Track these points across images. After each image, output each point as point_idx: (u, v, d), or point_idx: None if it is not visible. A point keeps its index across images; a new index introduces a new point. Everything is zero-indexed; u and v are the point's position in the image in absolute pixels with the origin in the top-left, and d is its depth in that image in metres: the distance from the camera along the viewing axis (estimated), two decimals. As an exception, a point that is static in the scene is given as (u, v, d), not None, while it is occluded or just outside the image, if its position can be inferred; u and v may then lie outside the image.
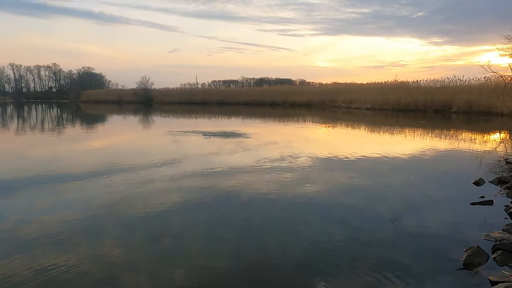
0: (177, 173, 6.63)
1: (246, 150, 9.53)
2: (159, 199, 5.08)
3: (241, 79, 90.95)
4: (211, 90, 64.51)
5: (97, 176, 6.41)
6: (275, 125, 18.38)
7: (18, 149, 10.55)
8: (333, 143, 11.89)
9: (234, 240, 3.71)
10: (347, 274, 3.01)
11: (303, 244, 3.63)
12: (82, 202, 4.95)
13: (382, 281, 2.90)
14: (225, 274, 3.02)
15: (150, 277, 2.94)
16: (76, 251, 3.41)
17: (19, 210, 4.61)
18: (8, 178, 6.30)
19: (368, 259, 3.30)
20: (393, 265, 3.18)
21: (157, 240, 3.69)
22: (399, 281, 2.91)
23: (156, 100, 55.44)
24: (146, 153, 9.17)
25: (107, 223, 4.18)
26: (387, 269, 3.11)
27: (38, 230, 3.92)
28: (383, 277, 2.97)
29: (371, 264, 3.20)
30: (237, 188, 5.65)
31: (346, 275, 3.00)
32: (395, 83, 37.92)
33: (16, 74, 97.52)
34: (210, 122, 21.45)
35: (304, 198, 5.21)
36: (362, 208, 4.79)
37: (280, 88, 53.43)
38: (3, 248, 3.48)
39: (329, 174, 6.79)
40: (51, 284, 2.83)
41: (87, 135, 14.42)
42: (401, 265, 3.19)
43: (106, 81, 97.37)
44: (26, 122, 22.11)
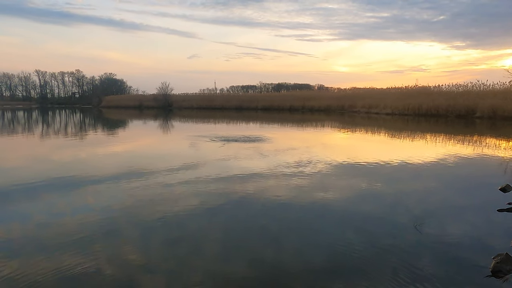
0: (195, 177, 6.67)
1: (264, 155, 9.51)
2: (177, 203, 5.11)
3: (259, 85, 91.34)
4: (229, 96, 64.88)
5: (117, 180, 6.51)
6: (293, 130, 18.32)
7: (43, 153, 10.84)
8: (352, 149, 11.74)
9: (251, 246, 3.69)
10: (367, 282, 2.94)
11: (322, 250, 3.58)
12: (102, 205, 5.02)
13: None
14: (242, 279, 3.00)
15: (167, 280, 2.95)
16: (95, 252, 3.46)
17: (42, 212, 4.72)
18: (33, 181, 6.46)
19: (389, 266, 3.22)
20: (415, 273, 3.09)
21: (174, 244, 3.70)
22: None
23: (175, 105, 56.20)
24: (164, 157, 9.27)
25: (126, 226, 4.23)
26: (409, 277, 3.02)
27: (60, 232, 4.00)
28: (405, 285, 2.88)
29: (392, 272, 3.12)
30: (254, 193, 5.64)
31: (366, 283, 2.93)
32: (416, 88, 37.33)
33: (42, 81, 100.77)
34: (228, 127, 21.55)
35: (322, 204, 5.15)
36: (382, 215, 4.69)
37: (299, 93, 53.38)
38: (26, 249, 3.55)
39: (347, 180, 6.70)
40: (71, 284, 2.87)
41: (108, 140, 14.69)
42: (424, 273, 3.10)
43: (127, 87, 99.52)
44: (50, 127, 22.72)
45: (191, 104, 55.36)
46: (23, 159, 9.30)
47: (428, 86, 36.25)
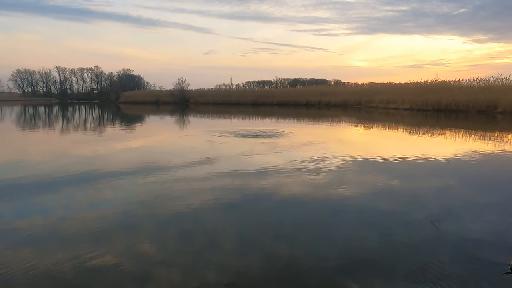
0: (211, 173, 6.71)
1: (279, 151, 9.50)
2: (192, 198, 5.16)
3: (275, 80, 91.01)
4: (245, 91, 64.86)
5: (134, 174, 6.61)
6: (309, 126, 18.23)
7: (63, 148, 11.08)
8: (368, 145, 11.61)
9: (266, 241, 3.69)
10: (383, 279, 2.92)
11: (337, 246, 3.56)
12: (119, 200, 5.11)
13: (421, 286, 2.78)
14: (256, 274, 3.01)
15: (182, 274, 2.98)
16: (112, 246, 3.53)
17: (62, 206, 4.83)
18: (54, 175, 6.62)
19: (405, 263, 3.18)
20: (432, 270, 3.05)
21: (189, 239, 3.74)
22: (439, 287, 2.78)
23: (192, 100, 56.52)
24: (180, 152, 9.35)
25: (142, 220, 4.30)
26: (426, 273, 2.98)
27: (78, 225, 4.09)
28: (421, 282, 2.85)
29: (408, 268, 3.08)
30: (269, 189, 5.64)
31: (381, 280, 2.90)
32: (435, 83, 36.54)
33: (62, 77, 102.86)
34: (244, 123, 21.58)
35: (338, 200, 5.11)
36: (398, 212, 4.63)
37: (315, 89, 52.95)
38: (46, 241, 3.65)
39: (363, 176, 6.62)
40: (89, 275, 2.93)
41: (126, 135, 14.91)
42: (441, 270, 3.05)
43: (144, 83, 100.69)
44: (70, 122, 23.21)
45: (207, 99, 55.58)
46: (44, 154, 9.53)
47: (448, 81, 35.44)
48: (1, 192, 5.54)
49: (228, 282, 2.89)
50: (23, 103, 62.53)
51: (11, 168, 7.46)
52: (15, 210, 4.72)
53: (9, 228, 4.05)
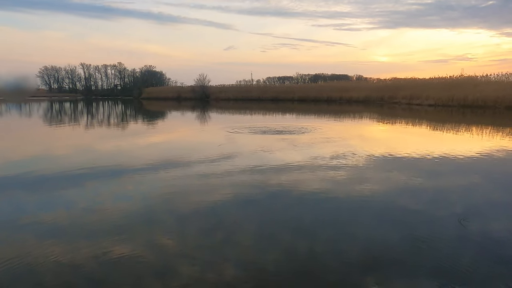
0: (231, 168, 6.74)
1: (299, 147, 9.44)
2: (212, 193, 5.19)
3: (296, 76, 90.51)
4: (265, 87, 64.78)
5: (155, 169, 6.71)
6: (330, 122, 18.04)
7: (87, 143, 11.37)
8: (390, 141, 11.40)
9: (285, 238, 3.68)
10: (405, 277, 2.86)
11: (357, 243, 3.51)
12: (140, 194, 5.20)
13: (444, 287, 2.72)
14: (275, 271, 3.00)
15: (201, 268, 3.01)
16: (134, 239, 3.59)
17: (86, 199, 4.96)
18: (78, 169, 6.80)
19: (428, 261, 3.11)
20: (454, 271, 2.96)
21: (209, 233, 3.77)
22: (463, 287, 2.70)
23: (212, 96, 56.89)
24: (201, 148, 9.43)
25: (163, 214, 4.36)
26: (448, 274, 2.90)
27: (102, 218, 4.19)
28: (445, 281, 2.78)
29: (432, 267, 3.01)
30: (289, 185, 5.62)
31: (403, 278, 2.85)
32: (461, 78, 35.48)
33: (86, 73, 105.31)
34: (264, 119, 21.56)
35: (358, 197, 5.04)
36: (421, 210, 4.52)
37: (336, 84, 52.34)
38: (71, 233, 3.75)
39: (385, 173, 6.51)
40: (111, 267, 3.00)
41: (148, 130, 15.16)
42: (464, 271, 2.97)
43: (166, 79, 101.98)
44: (94, 118, 23.78)
45: (227, 95, 55.83)
46: (70, 148, 9.80)
47: (475, 76, 34.35)
48: (28, 185, 5.73)
49: (246, 277, 2.89)
50: (50, 99, 64.42)
51: (39, 162, 7.71)
52: (40, 203, 4.88)
53: (34, 219, 4.18)
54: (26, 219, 4.20)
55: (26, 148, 10.06)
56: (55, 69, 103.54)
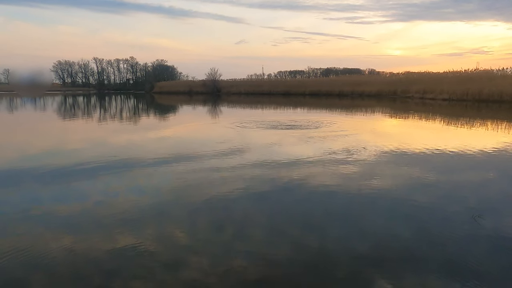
0: (241, 162, 6.75)
1: (310, 141, 9.41)
2: (223, 187, 5.21)
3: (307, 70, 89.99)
4: (277, 81, 64.58)
5: (167, 163, 6.76)
6: (341, 116, 17.91)
7: (100, 136, 11.52)
8: (403, 136, 11.27)
9: (295, 232, 3.68)
10: (415, 273, 2.84)
11: (367, 238, 3.49)
12: (152, 187, 5.26)
13: (453, 284, 2.68)
14: (284, 265, 3.01)
15: (211, 261, 3.03)
16: (145, 231, 3.64)
17: (99, 192, 5.03)
18: (91, 162, 6.89)
19: (439, 258, 3.08)
20: (467, 268, 2.93)
21: (219, 227, 3.79)
22: (473, 285, 2.67)
23: (223, 90, 56.98)
24: (212, 142, 9.46)
25: (174, 208, 4.40)
26: (461, 270, 2.87)
27: (114, 211, 4.25)
28: (456, 278, 2.75)
29: (443, 263, 2.98)
30: (299, 180, 5.61)
31: (413, 274, 2.82)
32: (477, 72, 34.86)
33: (99, 67, 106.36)
34: (275, 113, 21.51)
35: (369, 192, 5.00)
36: (433, 206, 4.47)
37: (348, 78, 51.90)
38: (83, 225, 3.82)
39: (397, 168, 6.45)
40: (123, 259, 3.05)
41: (160, 124, 15.28)
42: (477, 267, 2.93)
43: (177, 73, 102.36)
44: (107, 112, 24.04)
45: (239, 89, 55.85)
46: (83, 142, 9.94)
47: (491, 69, 33.72)
48: (42, 178, 5.83)
49: (256, 270, 2.91)
50: (63, 93, 65.28)
51: (53, 155, 7.84)
52: (55, 195, 4.97)
53: (49, 211, 4.26)
54: (40, 211, 4.28)
55: (41, 142, 10.24)
56: (68, 63, 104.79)
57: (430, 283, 2.72)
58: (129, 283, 2.70)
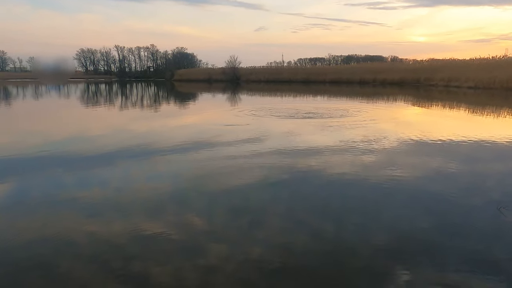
0: (259, 150, 6.75)
1: (329, 130, 9.31)
2: (241, 175, 5.23)
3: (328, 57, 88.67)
4: (296, 68, 63.89)
5: (186, 150, 6.83)
6: (362, 105, 17.61)
7: (121, 123, 11.73)
8: (425, 125, 11.00)
9: (312, 221, 3.67)
10: (434, 265, 2.79)
11: (385, 229, 3.45)
12: (171, 174, 5.33)
13: (475, 278, 2.63)
14: (301, 253, 3.01)
15: (229, 249, 3.07)
16: (164, 218, 3.71)
17: (119, 178, 5.14)
18: (111, 149, 7.05)
19: (459, 252, 3.01)
20: (490, 262, 2.86)
21: (237, 214, 3.82)
22: (494, 277, 2.61)
23: (243, 78, 56.81)
24: (231, 130, 9.48)
25: (193, 195, 4.45)
26: (481, 263, 2.81)
27: (134, 197, 4.34)
28: (476, 271, 2.69)
29: (463, 258, 2.91)
30: (317, 168, 5.57)
31: (431, 266, 2.78)
32: (505, 59, 33.60)
33: (120, 55, 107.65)
34: (294, 101, 21.35)
35: (388, 182, 4.92)
36: (454, 196, 4.37)
37: (369, 66, 50.83)
38: (105, 210, 3.92)
39: (418, 158, 6.31)
40: (142, 244, 3.12)
41: (179, 112, 15.41)
42: (501, 262, 2.86)
43: (197, 61, 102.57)
44: (128, 99, 24.40)
45: (258, 77, 55.54)
46: (105, 129, 10.14)
47: (520, 56, 32.36)
48: (66, 164, 5.99)
49: (273, 258, 2.92)
50: (86, 81, 66.53)
51: (76, 142, 8.03)
52: (77, 181, 5.10)
53: (72, 196, 4.39)
54: (64, 195, 4.41)
55: (65, 128, 10.50)
56: (91, 51, 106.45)
57: (450, 276, 2.67)
58: (148, 268, 2.77)
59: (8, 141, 8.35)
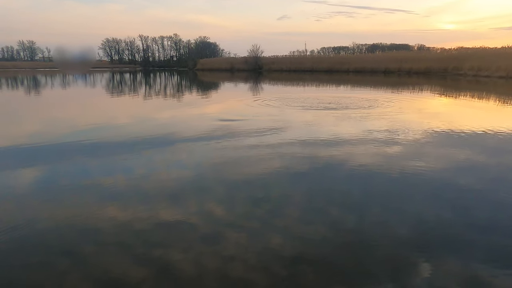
0: (280, 140, 6.73)
1: (352, 120, 9.17)
2: (262, 164, 5.24)
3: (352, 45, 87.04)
4: (319, 58, 62.96)
5: (207, 139, 6.88)
6: (386, 95, 17.23)
7: (145, 112, 11.92)
8: (452, 116, 10.68)
9: (333, 212, 3.65)
10: (457, 259, 2.73)
11: (408, 222, 3.39)
12: (193, 163, 5.39)
13: (501, 274, 2.56)
14: (321, 244, 3.01)
15: (248, 237, 3.09)
16: (186, 205, 3.76)
17: (142, 166, 5.24)
18: (134, 137, 7.18)
19: (484, 247, 2.93)
20: (515, 257, 2.77)
21: (257, 204, 3.84)
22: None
23: (265, 67, 56.56)
24: (253, 119, 9.48)
25: (214, 183, 4.49)
26: (508, 260, 2.73)
27: (156, 184, 4.42)
28: (503, 269, 2.61)
29: (488, 253, 2.83)
30: (339, 159, 5.51)
31: (455, 260, 2.72)
32: (540, 47, 31.95)
33: (144, 45, 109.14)
34: (317, 90, 21.10)
35: (412, 174, 4.82)
36: (481, 190, 4.24)
37: (395, 55, 49.49)
38: (128, 197, 4.01)
39: (443, 150, 6.14)
40: (164, 231, 3.18)
41: (202, 101, 15.51)
42: (527, 258, 2.77)
43: (219, 50, 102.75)
44: (152, 88, 24.74)
45: (280, 66, 55.12)
46: (129, 118, 10.34)
47: (556, 44, 30.79)
48: (90, 151, 6.15)
49: (292, 248, 2.93)
50: (111, 70, 67.81)
51: (101, 130, 8.23)
52: (101, 167, 5.23)
53: (96, 183, 4.51)
54: (89, 182, 4.54)
55: (90, 117, 10.76)
56: (115, 41, 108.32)
57: (475, 271, 2.60)
58: (169, 254, 2.82)
59: (38, 129, 8.64)
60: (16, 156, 5.93)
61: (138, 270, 2.62)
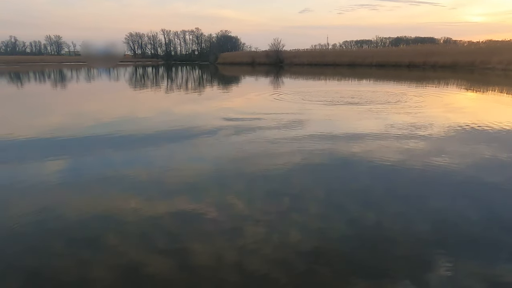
0: (300, 135, 6.70)
1: (374, 115, 9.03)
2: (281, 159, 5.24)
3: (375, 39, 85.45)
4: (341, 51, 62.09)
5: (227, 133, 6.92)
6: (410, 89, 16.85)
7: (166, 106, 12.08)
8: (479, 112, 10.35)
9: (352, 208, 3.62)
10: (480, 258, 2.66)
11: (429, 219, 3.32)
12: (213, 156, 5.44)
13: (525, 274, 2.49)
14: (339, 239, 2.99)
15: (266, 231, 3.10)
16: (205, 198, 3.81)
17: (163, 159, 5.33)
18: (156, 131, 7.30)
19: (508, 246, 2.85)
20: (542, 258, 2.68)
21: (276, 198, 3.85)
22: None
23: (286, 61, 56.25)
24: (272, 113, 9.46)
25: (233, 177, 4.53)
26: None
27: (176, 177, 4.50)
28: (527, 269, 2.54)
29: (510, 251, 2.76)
30: (359, 155, 5.45)
31: (478, 259, 2.65)
32: None
33: (166, 39, 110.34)
34: (339, 84, 20.85)
35: (435, 171, 4.71)
36: (507, 188, 4.11)
37: (419, 48, 48.25)
38: (149, 189, 4.09)
39: (469, 146, 5.97)
40: (183, 223, 3.24)
41: (223, 95, 15.59)
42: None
43: (240, 44, 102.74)
44: (174, 82, 25.03)
45: (302, 60, 54.66)
46: (151, 111, 10.50)
47: None
48: (113, 144, 6.29)
49: (310, 243, 2.92)
50: (134, 64, 68.88)
51: (123, 123, 8.40)
52: (123, 160, 5.35)
53: (118, 175, 4.62)
54: (112, 174, 4.65)
55: (114, 110, 11.00)
56: (139, 35, 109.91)
57: (498, 270, 2.54)
58: (188, 246, 2.87)
59: (64, 121, 8.89)
60: (44, 147, 6.13)
61: (157, 260, 2.68)
